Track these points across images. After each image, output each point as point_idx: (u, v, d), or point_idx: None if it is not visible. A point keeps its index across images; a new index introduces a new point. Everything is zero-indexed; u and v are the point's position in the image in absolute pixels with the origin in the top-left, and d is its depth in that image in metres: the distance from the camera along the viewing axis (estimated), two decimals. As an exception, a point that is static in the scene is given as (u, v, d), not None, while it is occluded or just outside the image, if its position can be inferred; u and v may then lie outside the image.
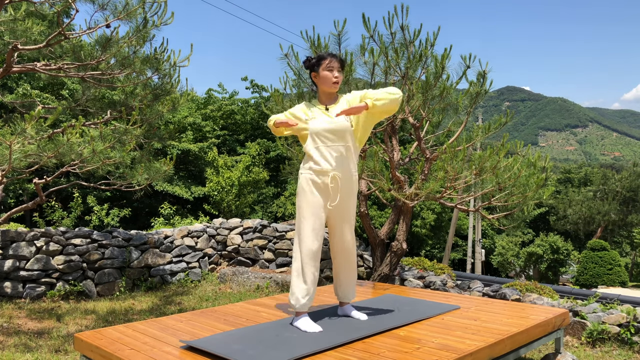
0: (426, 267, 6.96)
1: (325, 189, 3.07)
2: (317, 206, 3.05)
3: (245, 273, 6.84)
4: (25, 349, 4.09)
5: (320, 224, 3.06)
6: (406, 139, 15.64)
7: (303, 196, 3.08)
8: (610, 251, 20.54)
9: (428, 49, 5.05)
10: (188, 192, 15.74)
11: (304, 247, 3.03)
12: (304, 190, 3.08)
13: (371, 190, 5.93)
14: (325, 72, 3.12)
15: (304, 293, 3.02)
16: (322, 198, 3.07)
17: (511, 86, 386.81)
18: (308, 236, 3.03)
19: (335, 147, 3.08)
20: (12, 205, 13.36)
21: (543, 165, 5.14)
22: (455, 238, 22.11)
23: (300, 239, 3.06)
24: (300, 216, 3.07)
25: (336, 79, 3.13)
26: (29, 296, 5.76)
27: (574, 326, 4.66)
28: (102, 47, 4.88)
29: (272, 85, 5.89)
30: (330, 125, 3.08)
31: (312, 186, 3.07)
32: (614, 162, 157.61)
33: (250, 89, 20.69)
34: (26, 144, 4.17)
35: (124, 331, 3.12)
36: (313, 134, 3.10)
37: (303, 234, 3.04)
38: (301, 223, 3.06)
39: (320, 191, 3.07)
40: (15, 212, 5.06)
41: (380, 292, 4.33)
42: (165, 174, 5.70)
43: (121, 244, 6.55)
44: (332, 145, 3.08)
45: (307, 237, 3.03)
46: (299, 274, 3.04)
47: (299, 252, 3.06)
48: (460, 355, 2.57)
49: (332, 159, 3.06)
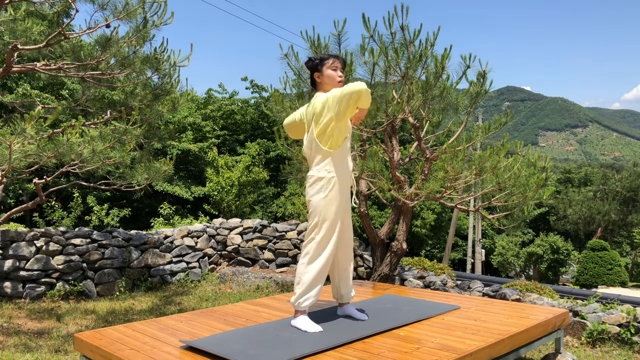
0: (426, 267, 6.95)
1: (348, 190, 3.13)
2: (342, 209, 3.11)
3: (245, 273, 6.83)
4: (25, 349, 4.09)
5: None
6: (406, 139, 15.64)
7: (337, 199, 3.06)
8: (610, 251, 20.54)
9: (428, 49, 5.05)
10: (188, 192, 15.73)
11: (329, 251, 3.04)
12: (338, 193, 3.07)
13: (371, 190, 5.93)
14: (330, 72, 3.15)
15: (316, 294, 3.05)
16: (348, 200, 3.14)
17: (511, 86, 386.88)
18: (334, 241, 3.06)
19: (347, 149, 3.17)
20: (12, 205, 13.35)
21: (543, 165, 5.14)
22: (455, 238, 22.11)
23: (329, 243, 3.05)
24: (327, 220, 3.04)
25: (340, 78, 3.17)
26: (29, 296, 5.76)
27: (574, 326, 4.66)
28: (102, 47, 4.88)
29: (272, 85, 5.88)
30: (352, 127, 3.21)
31: (344, 189, 3.11)
32: (614, 162, 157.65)
33: (250, 89, 20.70)
34: (26, 144, 4.17)
35: (124, 331, 3.12)
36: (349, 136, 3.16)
37: (334, 238, 3.06)
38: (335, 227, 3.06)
39: (347, 194, 3.13)
40: (15, 212, 5.06)
41: (380, 292, 4.32)
42: (165, 174, 5.70)
43: (121, 244, 6.55)
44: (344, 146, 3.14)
45: (333, 242, 3.06)
46: (319, 276, 3.04)
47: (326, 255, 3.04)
48: (460, 355, 2.57)
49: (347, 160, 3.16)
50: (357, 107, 3.01)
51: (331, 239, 3.05)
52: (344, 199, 3.11)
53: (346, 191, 3.13)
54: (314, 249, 3.05)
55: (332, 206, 3.04)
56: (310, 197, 3.06)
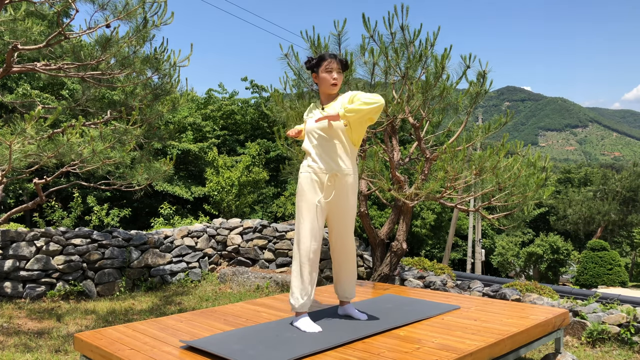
0: (426, 267, 6.96)
1: (323, 187, 3.07)
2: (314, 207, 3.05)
3: (245, 273, 6.83)
4: (25, 349, 4.09)
5: (319, 224, 3.06)
6: (406, 139, 15.64)
7: (302, 195, 3.08)
8: (610, 251, 20.53)
9: (428, 49, 5.05)
10: (188, 192, 15.73)
11: (302, 247, 3.03)
12: (303, 189, 3.09)
13: (371, 190, 5.93)
14: (324, 75, 3.12)
15: (302, 293, 3.02)
16: (321, 197, 3.07)
17: (511, 86, 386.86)
18: (306, 236, 3.03)
19: (329, 146, 3.08)
20: (12, 205, 13.35)
21: (543, 165, 5.14)
22: (455, 238, 22.11)
23: (299, 239, 3.05)
24: (300, 216, 3.07)
25: (334, 81, 3.11)
26: (29, 296, 5.76)
27: (574, 326, 4.66)
28: (102, 47, 4.88)
29: (272, 86, 5.89)
30: (321, 124, 3.08)
31: (311, 185, 3.07)
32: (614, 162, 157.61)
33: (250, 89, 20.70)
34: (26, 144, 4.17)
35: (124, 331, 3.12)
36: (308, 132, 3.16)
37: (302, 234, 3.04)
38: (300, 223, 3.06)
39: (319, 190, 3.07)
40: (15, 212, 5.06)
41: (380, 292, 4.33)
42: (165, 174, 5.70)
43: (121, 244, 6.55)
44: (326, 143, 3.08)
45: (305, 237, 3.03)
46: (298, 274, 3.04)
47: (297, 253, 3.05)
48: (460, 355, 2.57)
49: (328, 157, 3.07)
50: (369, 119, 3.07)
51: (302, 238, 3.02)
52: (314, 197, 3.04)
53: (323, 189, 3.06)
54: (294, 250, 3.09)
55: (302, 203, 3.06)
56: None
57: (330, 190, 3.07)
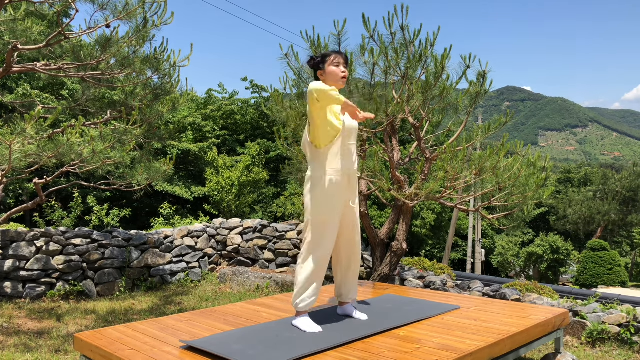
0: (426, 267, 6.96)
1: (344, 189, 3.09)
2: (340, 208, 3.07)
3: (245, 273, 6.83)
4: (25, 349, 4.09)
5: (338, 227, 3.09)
6: (406, 139, 15.64)
7: (328, 198, 3.02)
8: (610, 251, 20.53)
9: (428, 49, 5.04)
10: (188, 192, 15.73)
11: (324, 251, 3.02)
12: (327, 192, 3.02)
13: (371, 190, 5.93)
14: (332, 68, 3.10)
15: (312, 294, 3.03)
16: (343, 199, 3.09)
17: (511, 86, 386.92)
18: (330, 240, 3.03)
19: (351, 145, 3.13)
20: (12, 205, 13.35)
21: (543, 165, 5.14)
22: (455, 238, 22.11)
23: (320, 242, 3.02)
24: (322, 219, 3.02)
25: (344, 74, 3.12)
26: (29, 296, 5.76)
27: (574, 326, 4.66)
28: (102, 47, 4.88)
29: (272, 86, 5.88)
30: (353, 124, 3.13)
31: (336, 187, 3.04)
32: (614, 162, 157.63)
33: (250, 89, 20.69)
34: (26, 144, 4.17)
35: (124, 331, 3.12)
36: (348, 132, 3.11)
37: (326, 237, 3.02)
38: (325, 226, 3.02)
39: (342, 192, 3.08)
40: (15, 212, 5.06)
41: (380, 292, 4.32)
42: (165, 174, 5.70)
43: (121, 244, 6.55)
44: (349, 144, 3.12)
45: (329, 240, 3.03)
46: (312, 276, 3.02)
47: (317, 255, 3.01)
48: (460, 355, 2.57)
49: (349, 157, 3.10)
50: (320, 103, 2.90)
51: (321, 239, 3.01)
52: (340, 198, 3.07)
53: (345, 190, 3.10)
54: (305, 250, 3.05)
55: (320, 206, 3.01)
56: (303, 197, 3.10)
57: (356, 190, 3.13)
